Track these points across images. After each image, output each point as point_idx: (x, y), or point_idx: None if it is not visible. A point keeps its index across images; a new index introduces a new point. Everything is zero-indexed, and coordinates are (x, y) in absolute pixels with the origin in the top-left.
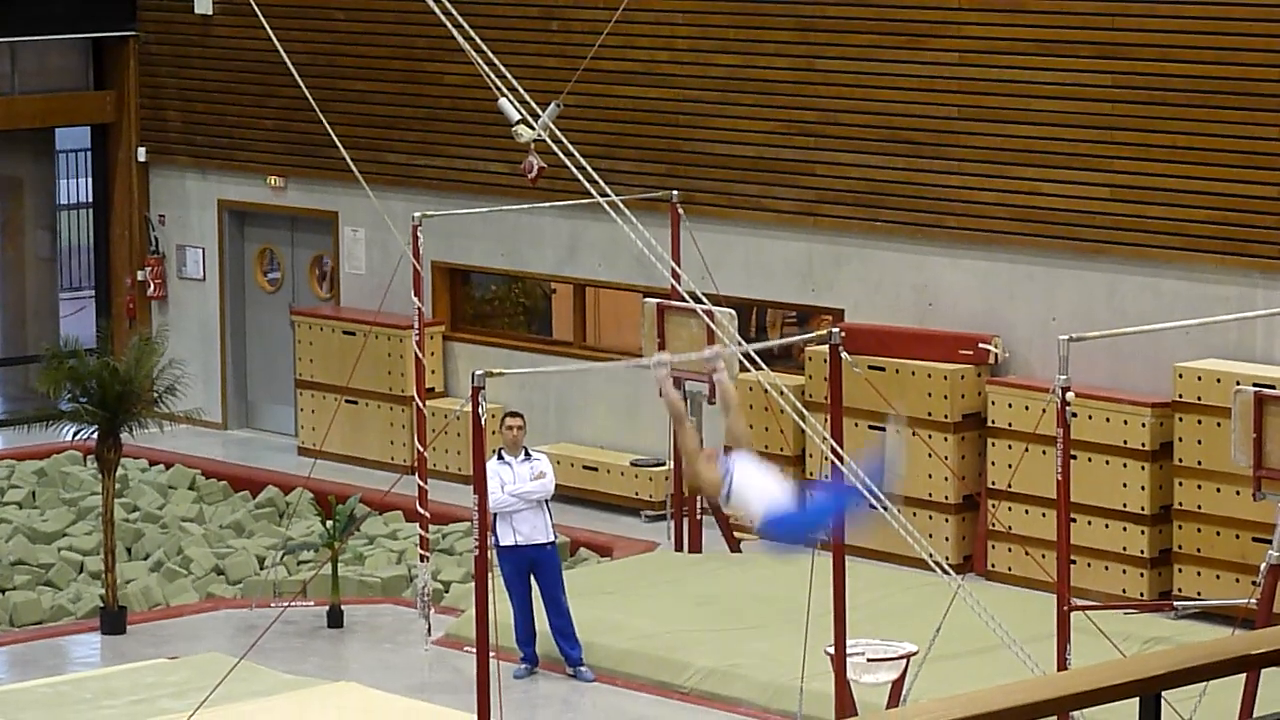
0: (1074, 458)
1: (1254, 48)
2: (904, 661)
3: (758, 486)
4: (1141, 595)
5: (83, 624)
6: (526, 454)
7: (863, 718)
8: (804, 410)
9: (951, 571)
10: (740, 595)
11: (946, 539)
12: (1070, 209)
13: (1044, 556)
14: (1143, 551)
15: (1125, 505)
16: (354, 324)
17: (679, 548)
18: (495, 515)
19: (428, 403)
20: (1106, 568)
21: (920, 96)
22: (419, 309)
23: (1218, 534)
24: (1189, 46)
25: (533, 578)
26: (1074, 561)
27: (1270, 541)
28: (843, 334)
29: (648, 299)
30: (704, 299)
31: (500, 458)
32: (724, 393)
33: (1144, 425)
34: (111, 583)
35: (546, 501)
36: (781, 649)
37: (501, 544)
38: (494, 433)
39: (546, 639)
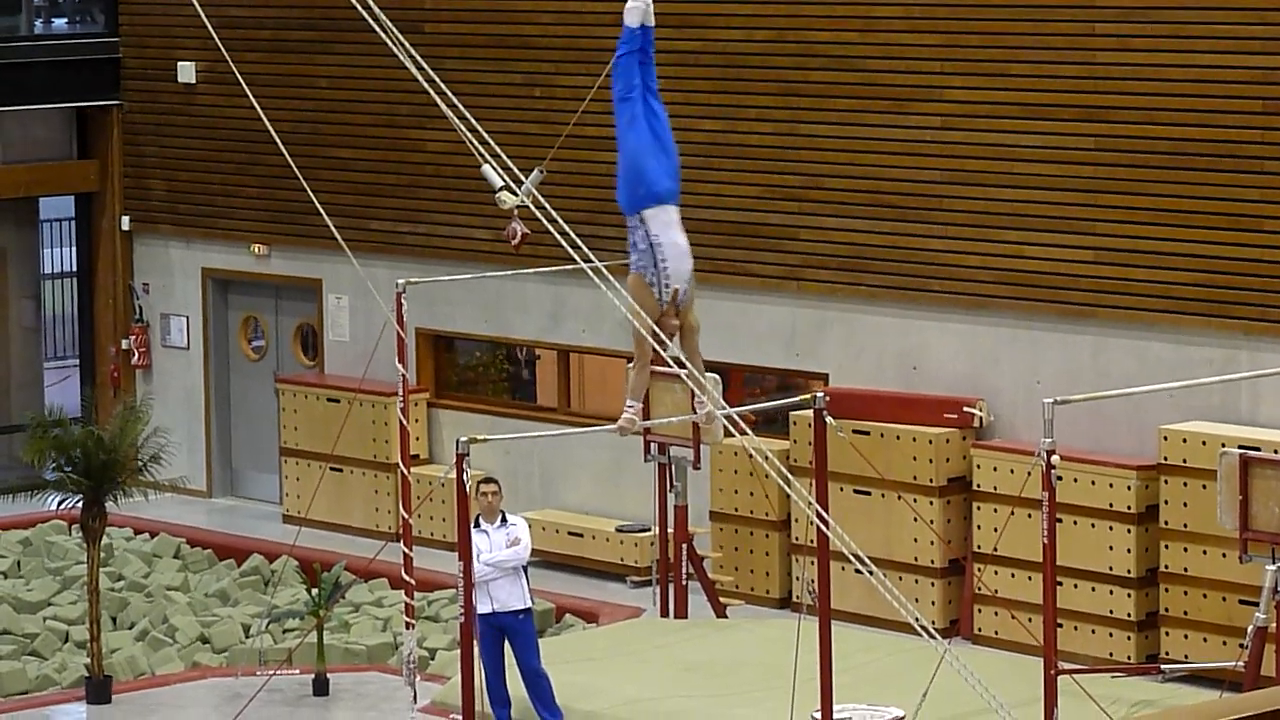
0: (1059, 521)
1: (1236, 109)
2: None
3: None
4: (1129, 658)
5: (68, 694)
6: (503, 519)
7: None
8: (789, 475)
9: (938, 635)
10: (726, 661)
11: (933, 603)
12: (1054, 272)
13: (1030, 620)
14: (1129, 614)
15: (1111, 568)
16: (338, 391)
17: (665, 613)
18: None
19: (412, 470)
20: (1093, 631)
21: (904, 161)
22: (403, 376)
23: (1204, 596)
24: (1172, 109)
25: (508, 644)
26: (1060, 625)
27: (1257, 604)
28: (827, 398)
29: (632, 364)
30: (689, 364)
31: (477, 525)
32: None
33: (1129, 488)
34: (97, 652)
35: (524, 567)
36: (768, 714)
37: (479, 612)
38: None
39: (528, 707)
